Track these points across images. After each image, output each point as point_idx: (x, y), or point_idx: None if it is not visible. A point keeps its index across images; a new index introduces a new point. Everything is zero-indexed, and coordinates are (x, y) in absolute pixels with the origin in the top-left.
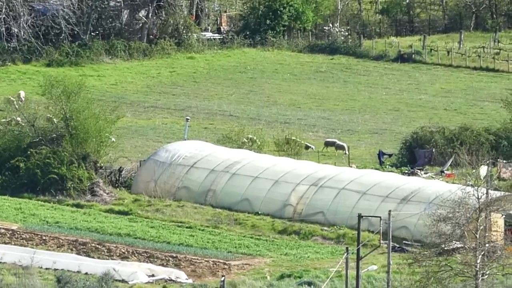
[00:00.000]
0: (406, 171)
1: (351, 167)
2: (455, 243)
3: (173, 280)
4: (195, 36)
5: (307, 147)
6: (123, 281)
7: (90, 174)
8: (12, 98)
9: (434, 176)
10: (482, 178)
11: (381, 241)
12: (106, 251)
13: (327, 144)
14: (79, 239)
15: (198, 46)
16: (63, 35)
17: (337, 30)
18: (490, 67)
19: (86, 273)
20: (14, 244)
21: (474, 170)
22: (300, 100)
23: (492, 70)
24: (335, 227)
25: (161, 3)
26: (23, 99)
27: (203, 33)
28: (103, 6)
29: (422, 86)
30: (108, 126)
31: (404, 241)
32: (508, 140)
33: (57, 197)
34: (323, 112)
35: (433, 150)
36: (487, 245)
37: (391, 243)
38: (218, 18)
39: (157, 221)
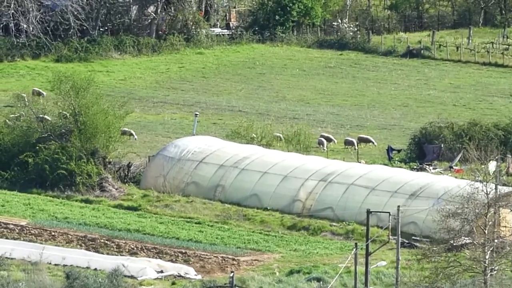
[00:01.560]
0: (415, 167)
1: (359, 162)
2: (464, 239)
3: (182, 276)
4: (204, 31)
5: (322, 143)
6: (132, 277)
7: (99, 169)
8: (23, 94)
9: (443, 172)
10: (491, 174)
11: (390, 237)
12: (115, 247)
13: (360, 140)
14: (88, 235)
15: (207, 42)
16: (72, 30)
17: (346, 26)
18: (499, 62)
19: (95, 269)
20: (23, 240)
21: (483, 166)
22: (309, 96)
23: (501, 66)
24: (344, 222)
25: None
26: (44, 94)
27: (212, 29)
28: (112, 1)
29: (431, 81)
30: (117, 122)
31: (413, 237)
32: None
33: (66, 193)
34: (332, 107)
35: (442, 146)
36: (496, 240)
37: (400, 238)
38: (227, 14)
39: (166, 216)
